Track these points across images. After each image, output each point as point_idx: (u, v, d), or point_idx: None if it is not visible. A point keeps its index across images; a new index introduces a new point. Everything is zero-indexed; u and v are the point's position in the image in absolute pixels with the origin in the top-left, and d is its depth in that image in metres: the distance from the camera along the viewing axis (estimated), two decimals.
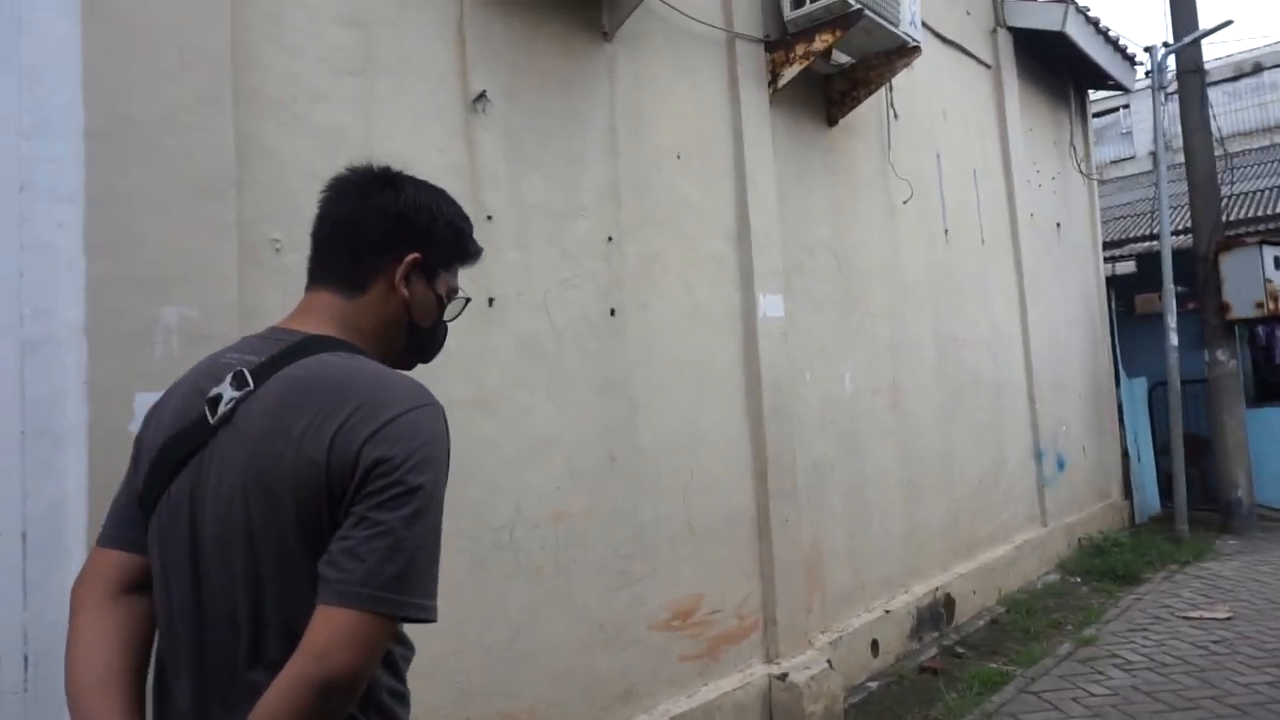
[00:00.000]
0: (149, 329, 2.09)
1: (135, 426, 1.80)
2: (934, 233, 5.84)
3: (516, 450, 3.04)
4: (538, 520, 3.07)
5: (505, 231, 3.08)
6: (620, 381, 3.46)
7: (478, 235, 1.45)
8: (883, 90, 5.23)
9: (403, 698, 1.26)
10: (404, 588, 1.09)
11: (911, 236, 5.55)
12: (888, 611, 4.79)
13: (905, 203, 5.44)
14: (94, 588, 1.24)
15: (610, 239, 3.48)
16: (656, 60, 3.79)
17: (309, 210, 1.37)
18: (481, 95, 3.03)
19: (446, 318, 1.40)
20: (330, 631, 1.06)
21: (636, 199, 3.62)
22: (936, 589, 5.23)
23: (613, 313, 3.45)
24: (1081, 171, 8.35)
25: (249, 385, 1.19)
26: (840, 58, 4.63)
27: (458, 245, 1.38)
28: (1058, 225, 7.82)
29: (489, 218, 3.04)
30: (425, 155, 2.85)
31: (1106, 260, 9.11)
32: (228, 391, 1.20)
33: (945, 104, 6.19)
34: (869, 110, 5.22)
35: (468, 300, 1.45)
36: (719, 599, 3.76)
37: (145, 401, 1.93)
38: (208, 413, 1.20)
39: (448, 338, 1.44)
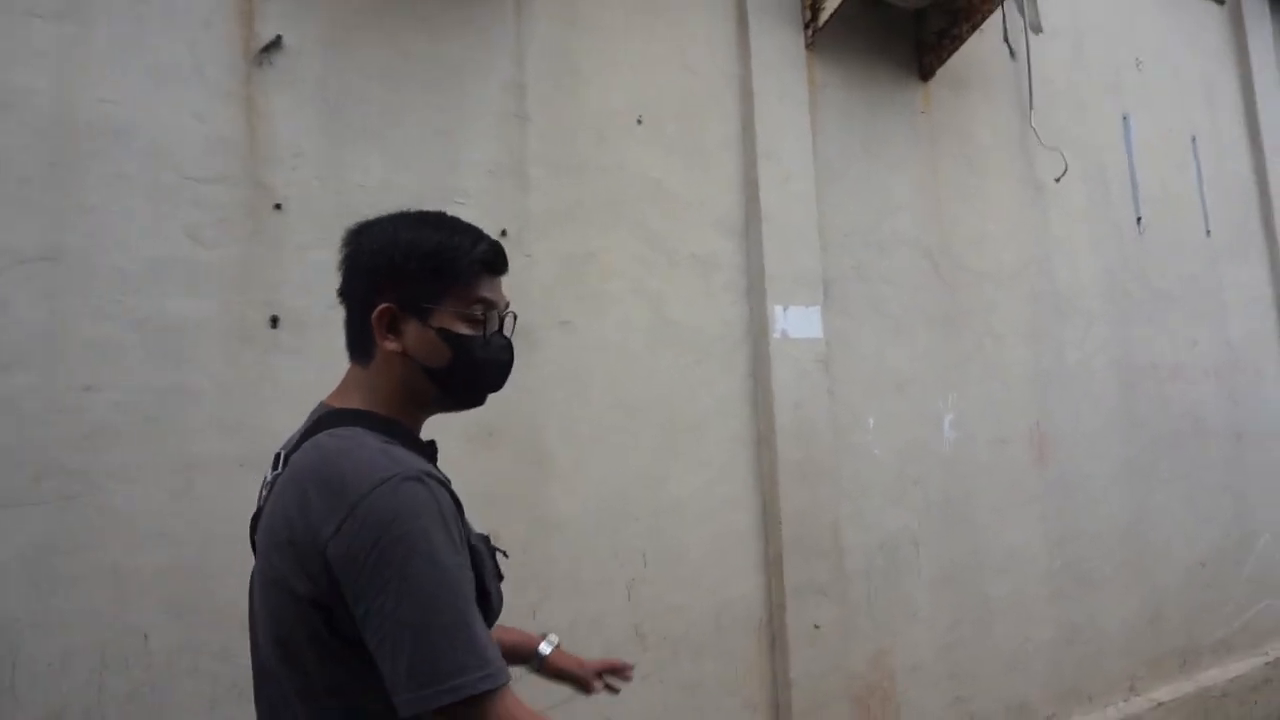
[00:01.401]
0: None
1: None
2: (1117, 222, 4.24)
3: None
4: None
5: (306, 225, 2.27)
6: (522, 430, 2.49)
7: (259, 231, 1.34)
8: (1020, 32, 3.83)
9: None
10: (443, 669, 1.05)
11: (1072, 227, 4.03)
12: None
13: (1058, 180, 3.95)
14: None
15: (505, 233, 2.54)
16: None
17: None
18: (274, 44, 2.25)
19: (477, 347, 1.27)
20: None
21: (557, 179, 2.66)
22: None
23: None
24: None
25: (279, 468, 1.23)
26: None
27: (441, 271, 1.25)
28: None
29: (276, 206, 2.24)
30: (171, 124, 2.11)
31: None
32: (269, 474, 1.27)
33: (1139, 48, 4.55)
34: (993, 56, 3.84)
35: (501, 314, 1.31)
36: None
37: None
38: (259, 495, 1.30)
39: (506, 367, 1.33)
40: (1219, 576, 4.34)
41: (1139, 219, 4.34)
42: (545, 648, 1.64)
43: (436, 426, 1.35)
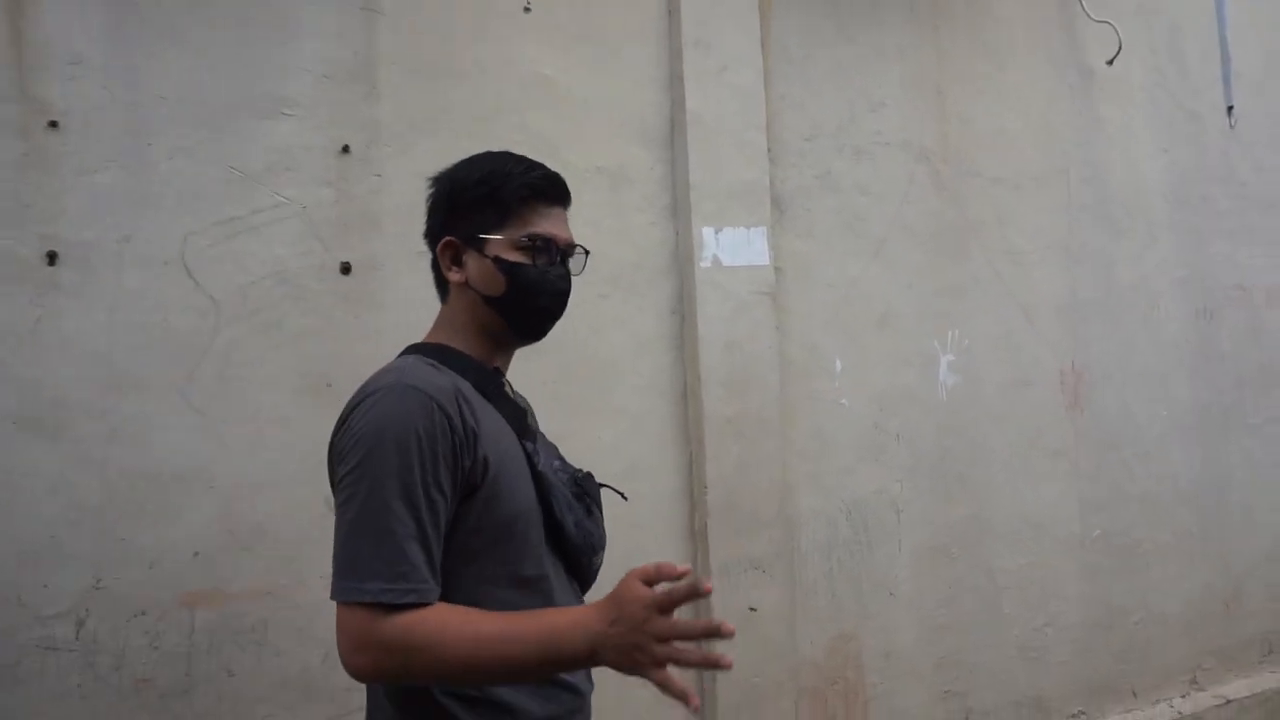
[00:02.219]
0: None
1: None
2: (1197, 111, 3.43)
3: (107, 496, 1.89)
4: (162, 618, 1.91)
5: (89, 145, 1.93)
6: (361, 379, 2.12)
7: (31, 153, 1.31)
8: None
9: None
10: (335, 573, 1.09)
11: (1131, 119, 3.27)
12: None
13: (1110, 62, 3.19)
14: None
15: (347, 149, 2.14)
16: None
17: None
18: None
19: (532, 275, 1.27)
20: None
21: (416, 83, 2.22)
22: None
23: (347, 269, 2.12)
24: None
25: None
26: None
27: (492, 200, 1.26)
28: None
29: (52, 124, 1.91)
30: None
31: None
32: None
33: None
34: None
35: (562, 248, 1.30)
36: None
37: None
38: None
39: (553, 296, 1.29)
40: None
41: (1230, 108, 3.51)
42: None
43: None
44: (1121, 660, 3.04)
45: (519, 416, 1.29)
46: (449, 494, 1.12)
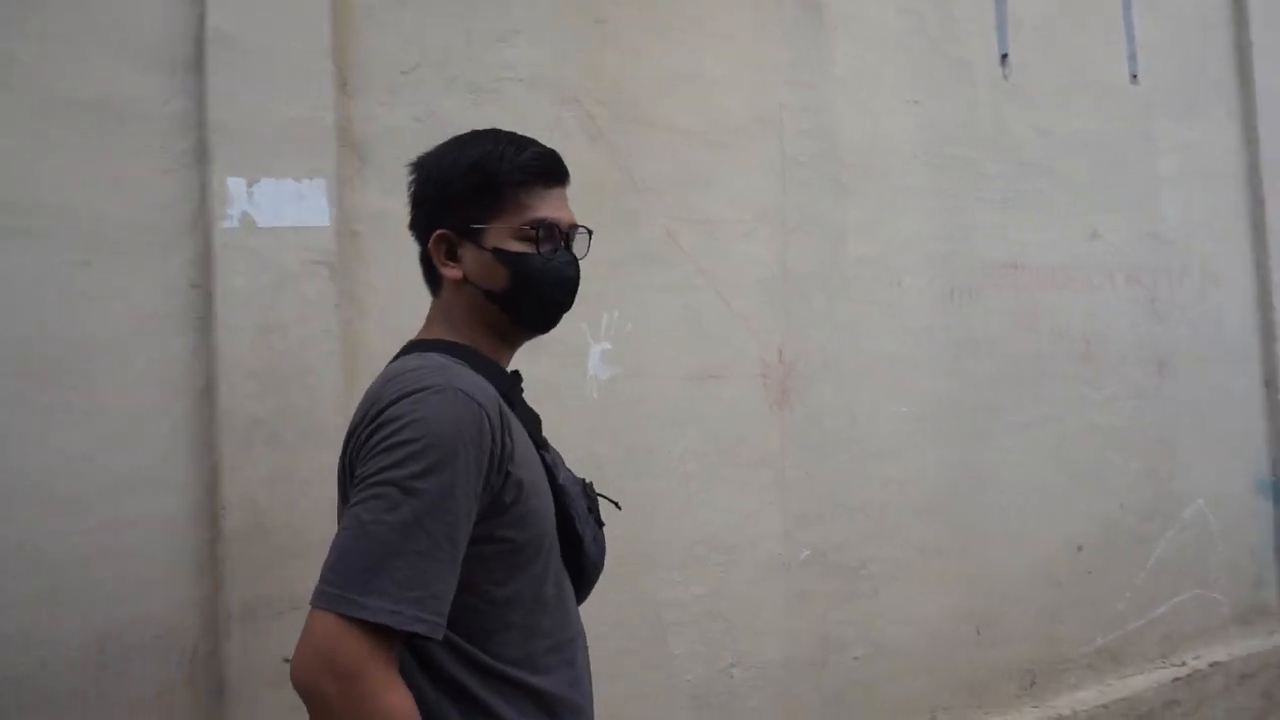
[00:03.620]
0: None
1: None
2: (964, 59, 2.96)
3: None
4: None
5: None
6: None
7: None
8: None
9: None
10: (333, 578, 1.00)
11: (871, 64, 2.78)
12: None
13: None
14: None
15: None
16: None
17: None
18: None
19: (536, 264, 1.22)
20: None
21: None
22: None
23: None
24: None
25: None
26: None
27: (486, 186, 1.21)
28: None
29: None
30: None
31: None
32: None
33: None
34: None
35: (564, 231, 1.26)
36: None
37: None
38: None
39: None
40: (1110, 562, 3.13)
41: (1004, 55, 3.03)
42: None
43: None
44: (836, 703, 2.57)
45: (535, 424, 1.26)
46: (474, 514, 1.07)
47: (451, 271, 1.23)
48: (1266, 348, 3.52)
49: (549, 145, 1.40)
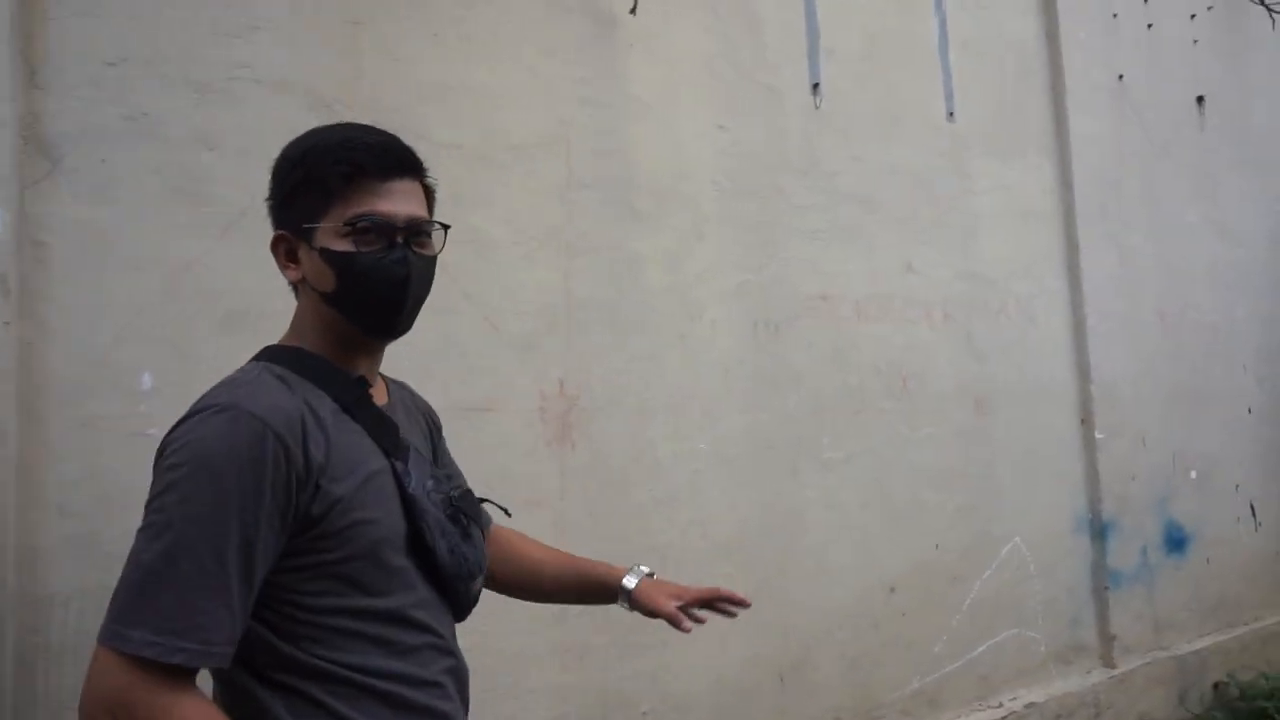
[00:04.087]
0: None
1: None
2: (775, 87, 2.89)
3: None
4: None
5: None
6: None
7: None
8: None
9: None
10: (110, 611, 1.01)
11: (671, 88, 2.67)
12: None
13: (633, 11, 2.58)
14: None
15: None
16: None
17: None
18: None
19: (361, 264, 1.14)
20: None
21: None
22: None
23: None
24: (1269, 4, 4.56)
25: None
26: None
27: (310, 183, 1.15)
28: (1199, 100, 4.24)
29: None
30: None
31: None
32: None
33: None
34: None
35: (398, 225, 1.16)
36: None
37: None
38: None
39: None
40: (926, 603, 3.05)
41: (816, 85, 2.97)
42: (630, 580, 1.51)
43: None
44: None
45: (388, 432, 1.20)
46: (278, 533, 1.04)
47: (291, 274, 1.20)
48: (1082, 387, 3.54)
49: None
